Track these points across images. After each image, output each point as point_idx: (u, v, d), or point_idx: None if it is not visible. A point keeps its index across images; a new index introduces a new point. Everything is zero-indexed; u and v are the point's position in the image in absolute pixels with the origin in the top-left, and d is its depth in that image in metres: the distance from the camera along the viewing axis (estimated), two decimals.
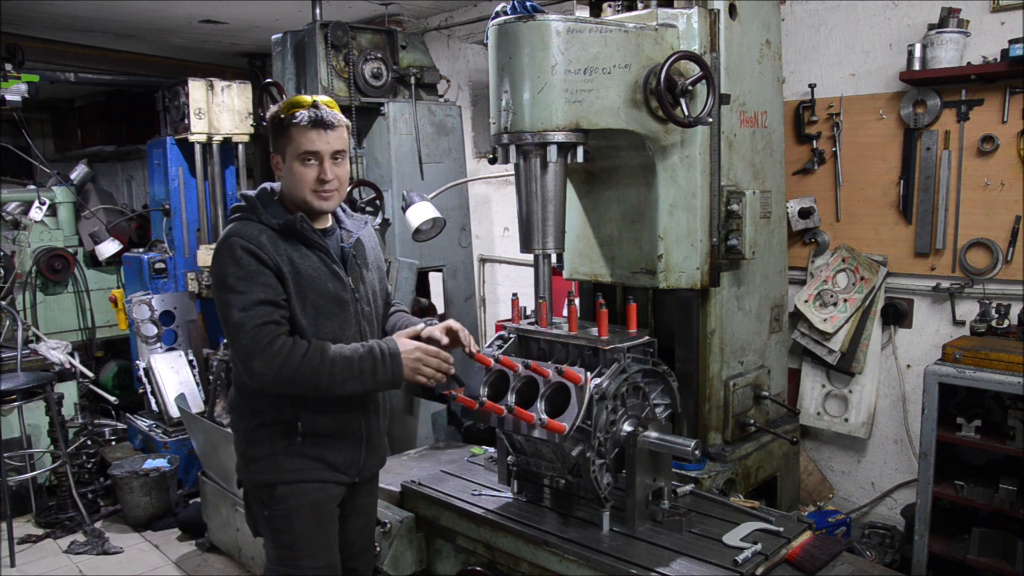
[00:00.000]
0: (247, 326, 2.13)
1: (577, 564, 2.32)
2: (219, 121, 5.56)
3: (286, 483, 2.31)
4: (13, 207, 6.15)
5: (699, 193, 2.82)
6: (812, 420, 3.85)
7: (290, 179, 2.28)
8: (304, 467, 2.32)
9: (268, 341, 2.13)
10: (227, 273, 2.17)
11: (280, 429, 2.31)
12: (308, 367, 2.15)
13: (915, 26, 3.43)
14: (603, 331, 2.46)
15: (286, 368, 2.13)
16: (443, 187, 4.18)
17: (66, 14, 5.33)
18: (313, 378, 2.16)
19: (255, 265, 2.18)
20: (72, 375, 5.32)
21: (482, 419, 2.50)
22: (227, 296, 2.16)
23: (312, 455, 2.33)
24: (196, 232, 5.79)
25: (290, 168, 2.27)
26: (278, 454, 2.31)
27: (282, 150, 2.28)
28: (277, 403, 2.30)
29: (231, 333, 2.17)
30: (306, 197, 2.28)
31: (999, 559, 3.01)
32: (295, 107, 2.25)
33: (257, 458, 2.34)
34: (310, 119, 2.22)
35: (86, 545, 4.44)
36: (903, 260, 3.56)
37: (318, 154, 2.24)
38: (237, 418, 2.41)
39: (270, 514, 2.35)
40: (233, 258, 2.17)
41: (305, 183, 2.26)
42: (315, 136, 2.23)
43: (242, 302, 2.14)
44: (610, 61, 2.56)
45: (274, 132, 2.29)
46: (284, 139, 2.26)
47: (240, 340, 2.14)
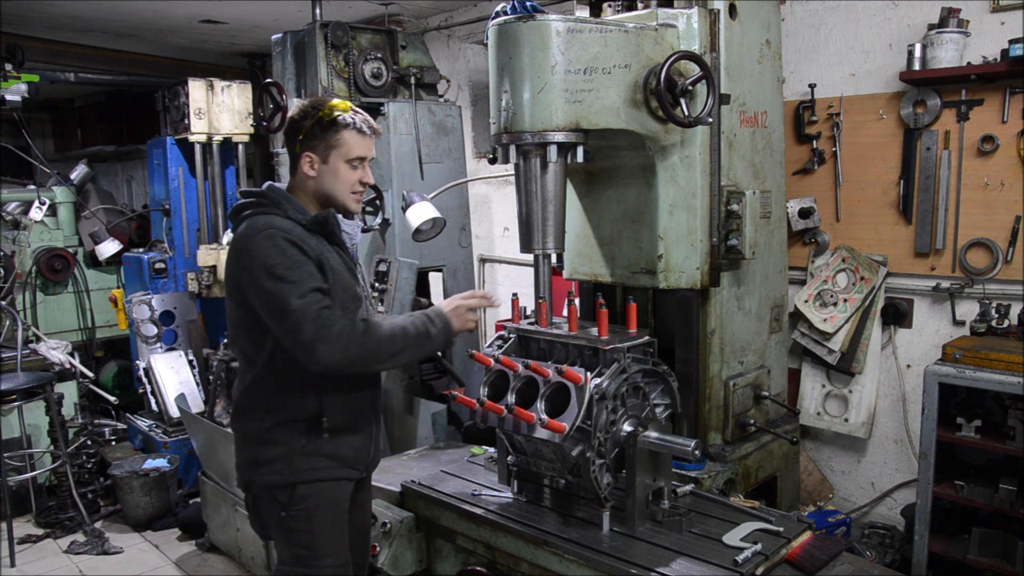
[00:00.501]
0: (309, 313, 2.13)
1: (577, 564, 2.32)
2: (219, 121, 5.56)
3: (304, 482, 2.31)
4: (13, 207, 6.15)
5: (699, 193, 2.82)
6: (812, 420, 3.85)
7: (331, 179, 2.32)
8: (321, 466, 2.33)
9: (329, 324, 2.14)
10: (275, 263, 2.16)
11: (301, 427, 2.31)
12: (371, 343, 2.19)
13: (915, 26, 3.43)
14: (603, 331, 2.46)
15: (351, 347, 2.16)
16: (443, 187, 4.18)
17: (66, 14, 5.33)
18: (376, 352, 2.21)
19: (300, 255, 2.20)
20: (72, 375, 5.32)
21: (482, 419, 2.50)
22: (280, 286, 2.14)
23: (328, 452, 2.34)
24: (196, 232, 5.80)
25: (334, 169, 2.31)
26: (295, 453, 2.31)
27: (326, 150, 2.30)
28: (300, 399, 2.30)
29: (291, 322, 2.13)
30: (345, 199, 2.35)
31: (999, 559, 3.01)
32: (338, 109, 2.28)
33: (272, 459, 2.31)
34: (367, 126, 2.32)
35: (86, 545, 4.44)
36: (903, 260, 3.56)
37: (364, 159, 2.33)
38: (248, 419, 2.37)
39: (288, 515, 2.33)
40: (278, 248, 2.17)
41: (347, 185, 2.33)
42: (365, 142, 2.33)
43: (298, 290, 2.15)
44: (610, 61, 2.56)
45: (317, 131, 2.29)
46: (332, 139, 2.29)
47: (304, 327, 2.12)
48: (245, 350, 2.36)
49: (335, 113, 2.28)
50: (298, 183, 2.36)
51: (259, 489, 2.38)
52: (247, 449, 2.38)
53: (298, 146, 2.33)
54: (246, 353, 2.36)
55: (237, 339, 2.38)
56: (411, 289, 4.19)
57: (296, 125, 2.32)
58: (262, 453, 2.33)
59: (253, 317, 2.25)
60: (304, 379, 2.28)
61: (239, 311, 2.31)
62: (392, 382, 4.24)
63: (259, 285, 2.17)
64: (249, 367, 2.35)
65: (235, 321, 2.36)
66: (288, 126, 2.36)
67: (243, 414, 2.40)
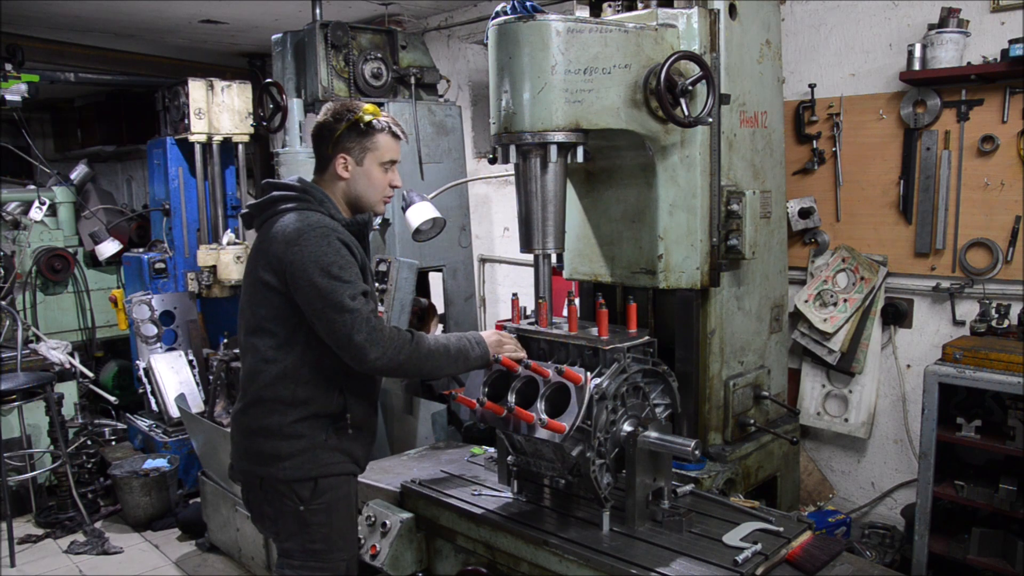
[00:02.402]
0: (363, 314, 2.19)
1: (577, 564, 2.32)
2: (219, 121, 5.56)
3: (326, 476, 2.34)
4: (13, 207, 6.15)
5: (699, 193, 2.81)
6: (812, 420, 3.85)
7: (365, 182, 2.37)
8: (338, 460, 2.37)
9: (380, 328, 2.22)
10: (330, 261, 2.18)
11: (325, 422, 2.33)
12: (417, 354, 2.28)
13: (915, 26, 3.43)
14: (603, 331, 2.46)
15: (401, 354, 2.24)
16: (443, 187, 4.18)
17: (66, 14, 5.33)
18: (419, 362, 2.30)
19: (349, 257, 2.25)
20: (72, 375, 5.33)
21: (482, 419, 2.51)
22: (334, 284, 2.17)
23: (343, 448, 2.38)
24: (196, 232, 5.80)
25: (368, 172, 2.37)
26: (317, 448, 2.33)
27: (361, 152, 2.35)
28: (328, 395, 2.33)
29: (345, 321, 2.16)
30: (376, 201, 2.41)
31: (999, 559, 3.01)
32: (370, 113, 2.34)
33: (294, 453, 2.31)
34: (400, 130, 2.39)
35: (86, 545, 4.44)
36: (903, 260, 3.56)
37: (394, 163, 2.40)
38: (267, 412, 2.33)
39: (307, 509, 2.34)
40: (332, 247, 2.20)
41: (380, 188, 2.40)
42: (396, 145, 2.40)
43: (351, 291, 2.19)
44: (610, 61, 2.56)
45: (352, 134, 2.34)
46: (368, 142, 2.35)
47: (358, 328, 2.17)
48: (271, 343, 2.31)
49: (368, 117, 2.34)
50: (327, 183, 2.39)
51: (276, 484, 2.34)
52: (263, 443, 2.34)
53: (331, 147, 2.36)
54: (273, 346, 2.31)
55: (264, 333, 2.32)
56: (411, 289, 4.19)
57: (330, 128, 2.36)
58: (283, 447, 2.31)
59: (287, 310, 2.26)
60: (334, 376, 2.32)
61: (272, 304, 2.28)
62: (392, 382, 4.24)
63: (312, 280, 2.17)
64: (273, 361, 2.31)
65: (265, 315, 2.31)
66: (319, 129, 2.39)
67: (262, 407, 2.34)
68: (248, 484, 2.45)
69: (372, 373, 2.29)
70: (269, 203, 2.35)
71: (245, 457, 2.40)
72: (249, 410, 2.38)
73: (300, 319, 2.26)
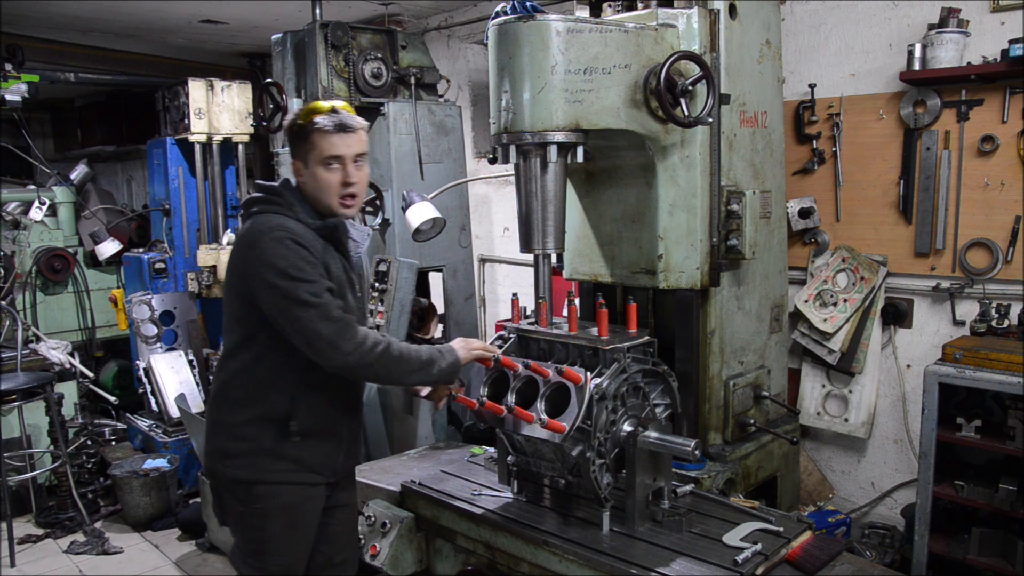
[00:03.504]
0: (330, 309, 2.17)
1: (577, 564, 2.32)
2: (219, 121, 5.56)
3: (264, 483, 2.34)
4: (13, 207, 6.15)
5: (699, 193, 2.82)
6: (812, 420, 3.85)
7: (314, 184, 2.31)
8: (283, 468, 2.34)
9: (349, 324, 2.20)
10: (286, 264, 2.17)
11: (270, 427, 2.32)
12: (389, 354, 2.23)
13: (915, 26, 3.43)
14: (603, 331, 2.46)
15: (373, 352, 2.21)
16: (443, 187, 4.18)
17: (66, 14, 5.33)
18: (390, 365, 2.24)
19: (309, 257, 2.21)
20: (72, 375, 5.32)
21: (482, 419, 2.50)
22: (292, 284, 2.16)
23: (292, 456, 2.34)
24: (196, 232, 5.80)
25: (314, 173, 2.30)
26: (259, 453, 2.32)
27: (304, 156, 2.31)
28: (274, 398, 2.31)
29: (308, 317, 2.15)
30: (329, 201, 2.32)
31: (999, 559, 3.01)
32: (314, 113, 2.28)
33: (237, 454, 2.34)
34: (333, 124, 2.27)
35: (86, 545, 4.44)
36: (903, 260, 3.56)
37: (341, 158, 2.29)
38: (221, 409, 2.39)
39: (245, 511, 2.37)
40: (285, 248, 2.19)
41: (331, 188, 2.30)
42: (337, 140, 2.27)
43: (313, 288, 2.17)
44: (610, 61, 2.56)
45: (295, 139, 2.32)
46: (306, 145, 2.29)
47: (323, 322, 2.16)
48: (234, 342, 2.37)
49: (301, 120, 2.30)
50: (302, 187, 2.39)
51: (223, 480, 2.41)
52: (216, 439, 2.40)
53: (291, 154, 2.37)
54: (235, 343, 2.36)
55: (230, 331, 2.39)
56: (411, 289, 4.19)
57: (287, 132, 2.37)
58: (230, 446, 2.35)
59: (249, 313, 2.27)
60: (282, 379, 2.30)
61: (235, 304, 2.33)
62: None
63: (271, 284, 2.18)
64: (232, 359, 2.36)
65: (230, 313, 2.38)
66: None
67: (217, 404, 2.41)
68: (208, 476, 2.52)
69: (342, 370, 2.23)
70: (247, 205, 2.37)
71: (207, 450, 2.45)
72: (211, 405, 2.46)
73: (260, 321, 2.26)
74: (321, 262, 2.25)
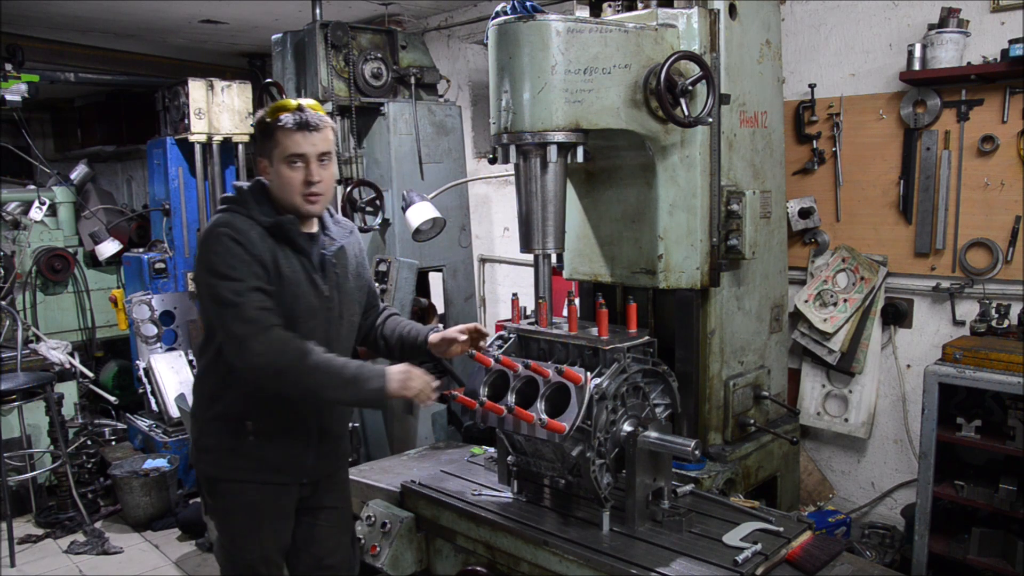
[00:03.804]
0: (246, 308, 2.14)
1: (577, 564, 2.32)
2: (219, 121, 5.56)
3: (226, 481, 2.38)
4: (13, 207, 6.15)
5: (699, 193, 2.81)
6: (812, 420, 3.85)
7: (278, 182, 2.29)
8: (244, 467, 2.36)
9: (268, 326, 2.15)
10: (216, 261, 2.17)
11: (229, 426, 2.35)
12: (302, 364, 2.15)
13: (915, 26, 3.43)
14: (603, 331, 2.46)
15: (283, 358, 2.15)
16: (443, 187, 4.18)
17: (66, 14, 5.33)
18: (302, 374, 2.16)
19: (241, 255, 2.18)
20: (72, 375, 5.32)
21: (482, 419, 2.50)
22: (218, 282, 2.16)
23: (255, 455, 2.35)
24: (196, 232, 5.79)
25: (277, 171, 2.28)
26: (223, 450, 2.37)
27: (268, 153, 2.29)
28: (231, 398, 2.33)
29: (226, 315, 2.15)
30: (295, 201, 2.29)
31: (999, 559, 3.01)
32: (280, 111, 2.26)
33: (207, 449, 2.40)
34: (295, 122, 2.23)
35: (86, 545, 4.44)
36: (903, 260, 3.56)
37: (304, 156, 2.26)
38: (197, 404, 2.46)
39: (212, 505, 2.48)
40: (221, 246, 2.18)
41: (293, 186, 2.27)
42: (300, 138, 2.24)
43: (236, 287, 2.16)
44: (610, 61, 2.56)
45: (260, 136, 2.31)
46: (270, 143, 2.27)
47: (237, 321, 2.14)
48: (203, 339, 2.41)
49: (267, 118, 2.28)
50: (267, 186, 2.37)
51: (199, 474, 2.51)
52: (193, 432, 2.48)
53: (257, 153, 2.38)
54: (203, 342, 2.40)
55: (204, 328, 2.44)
56: (411, 289, 4.19)
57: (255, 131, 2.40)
58: (202, 440, 2.42)
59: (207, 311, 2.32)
60: (237, 378, 2.28)
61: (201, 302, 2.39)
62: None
63: (203, 280, 2.22)
64: (202, 356, 2.42)
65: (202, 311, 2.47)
66: None
67: (195, 399, 2.49)
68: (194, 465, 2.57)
69: (253, 373, 2.18)
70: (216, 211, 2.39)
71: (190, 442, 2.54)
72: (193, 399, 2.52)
73: None
74: (261, 260, 2.20)
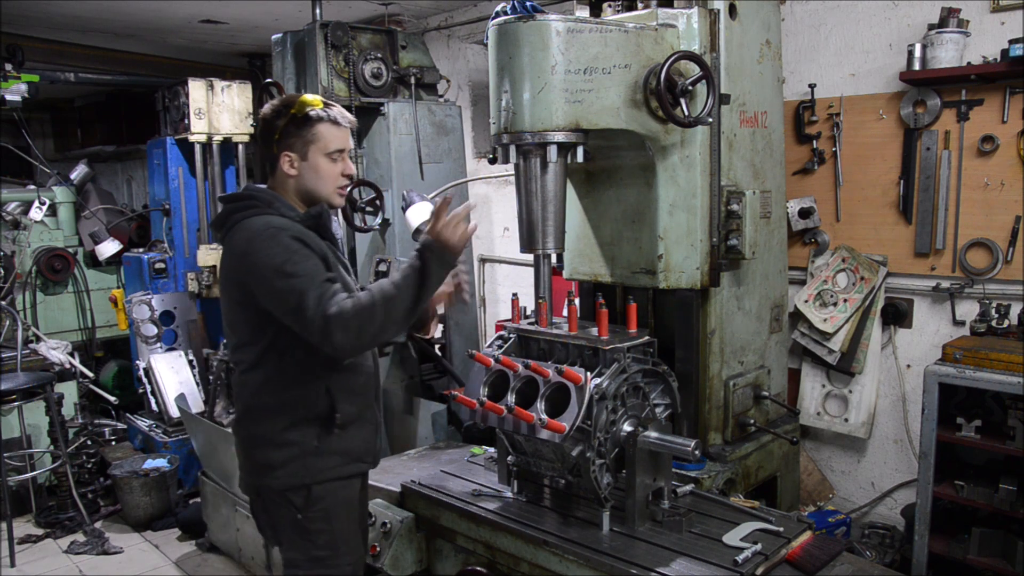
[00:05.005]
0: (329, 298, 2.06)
1: (577, 564, 2.32)
2: (219, 121, 5.56)
3: (319, 483, 2.29)
4: (13, 207, 6.15)
5: (699, 193, 2.81)
6: (812, 420, 3.85)
7: (313, 176, 2.28)
8: (333, 464, 2.32)
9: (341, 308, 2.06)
10: (282, 261, 2.10)
11: (314, 425, 2.28)
12: (381, 306, 2.08)
13: (915, 26, 3.43)
14: (603, 331, 2.46)
15: (368, 321, 2.07)
16: (443, 187, 4.18)
17: (66, 14, 5.33)
18: (389, 312, 2.09)
19: (303, 251, 2.16)
20: (72, 375, 5.32)
21: (482, 419, 2.50)
22: (293, 282, 2.09)
23: (340, 449, 2.32)
24: (196, 232, 5.79)
25: (315, 165, 2.27)
26: (308, 454, 2.28)
27: (303, 147, 2.25)
28: (312, 395, 2.27)
29: (305, 314, 2.06)
30: (329, 194, 2.32)
31: (999, 559, 3.01)
32: (310, 104, 2.24)
33: (286, 461, 2.27)
34: (340, 116, 2.27)
35: (86, 545, 4.44)
36: (903, 260, 3.56)
37: (343, 151, 2.30)
38: (257, 422, 2.31)
39: (305, 517, 2.30)
40: (282, 246, 2.13)
41: (331, 179, 2.30)
42: (341, 133, 2.28)
43: (311, 283, 2.08)
44: (610, 61, 2.56)
45: (293, 129, 2.25)
46: (307, 135, 2.24)
47: (318, 317, 2.05)
48: (253, 356, 2.29)
49: (307, 108, 2.24)
50: (279, 183, 2.32)
51: (271, 493, 2.32)
52: (256, 453, 2.32)
53: (275, 147, 2.28)
54: (255, 355, 2.29)
55: (239, 341, 2.33)
56: None
57: (270, 125, 2.28)
58: (274, 456, 2.28)
59: (259, 318, 2.21)
60: (313, 373, 2.26)
61: (243, 313, 2.27)
62: (392, 382, 4.24)
63: (271, 286, 2.13)
64: (254, 369, 2.30)
65: (237, 324, 2.32)
66: (261, 127, 2.31)
67: (251, 417, 2.34)
68: (250, 492, 2.43)
69: (346, 355, 2.16)
70: (225, 215, 2.29)
71: (244, 468, 2.39)
72: (242, 420, 2.38)
73: (276, 325, 2.20)
74: (321, 254, 2.22)
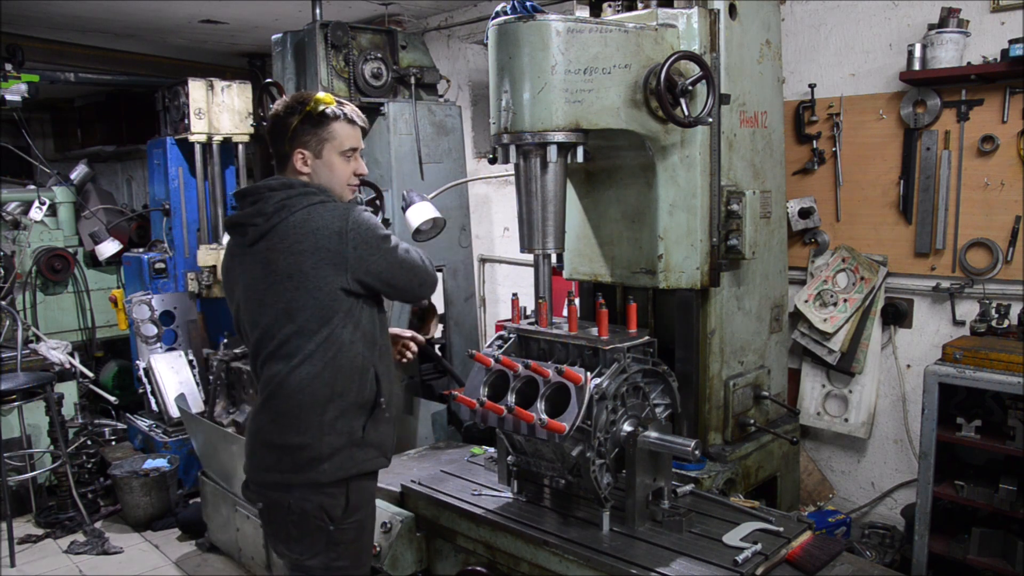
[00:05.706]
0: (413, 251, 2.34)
1: (577, 564, 2.32)
2: (219, 121, 5.56)
3: (356, 477, 2.27)
4: (13, 207, 6.15)
5: (699, 193, 2.81)
6: (812, 420, 3.85)
7: (326, 173, 2.30)
8: (368, 456, 2.30)
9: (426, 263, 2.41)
10: (385, 232, 2.27)
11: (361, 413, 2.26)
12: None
13: (915, 26, 3.43)
14: (603, 331, 2.46)
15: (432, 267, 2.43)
16: (443, 187, 4.18)
17: (66, 14, 5.33)
18: None
19: None
20: (72, 375, 5.32)
21: (482, 419, 2.50)
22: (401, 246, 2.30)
23: (375, 442, 2.31)
24: (196, 232, 5.79)
25: (329, 163, 2.29)
26: (354, 445, 2.25)
27: (318, 144, 2.26)
28: (363, 381, 2.26)
29: (428, 269, 2.39)
30: (342, 192, 2.35)
31: (999, 559, 3.01)
32: (324, 103, 2.25)
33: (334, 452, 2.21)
34: (354, 115, 2.32)
35: (86, 545, 4.44)
36: (903, 260, 3.56)
37: (356, 150, 2.34)
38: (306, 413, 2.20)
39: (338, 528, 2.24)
40: (372, 220, 2.25)
41: (344, 177, 2.34)
42: (355, 132, 2.33)
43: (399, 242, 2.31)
44: (610, 61, 2.56)
45: (309, 127, 2.24)
46: (323, 133, 2.26)
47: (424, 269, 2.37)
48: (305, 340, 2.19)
49: (322, 106, 2.24)
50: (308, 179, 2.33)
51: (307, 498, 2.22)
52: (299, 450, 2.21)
53: (287, 144, 2.26)
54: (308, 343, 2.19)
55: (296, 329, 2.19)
56: None
57: (283, 122, 2.26)
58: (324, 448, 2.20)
59: (330, 300, 2.16)
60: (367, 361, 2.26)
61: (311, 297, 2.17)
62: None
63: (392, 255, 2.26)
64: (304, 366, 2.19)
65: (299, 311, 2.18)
66: (273, 124, 2.29)
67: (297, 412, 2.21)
68: (272, 502, 2.29)
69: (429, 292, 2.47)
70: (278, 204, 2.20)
71: (276, 468, 2.25)
72: (280, 419, 2.23)
73: (343, 309, 2.18)
74: None
